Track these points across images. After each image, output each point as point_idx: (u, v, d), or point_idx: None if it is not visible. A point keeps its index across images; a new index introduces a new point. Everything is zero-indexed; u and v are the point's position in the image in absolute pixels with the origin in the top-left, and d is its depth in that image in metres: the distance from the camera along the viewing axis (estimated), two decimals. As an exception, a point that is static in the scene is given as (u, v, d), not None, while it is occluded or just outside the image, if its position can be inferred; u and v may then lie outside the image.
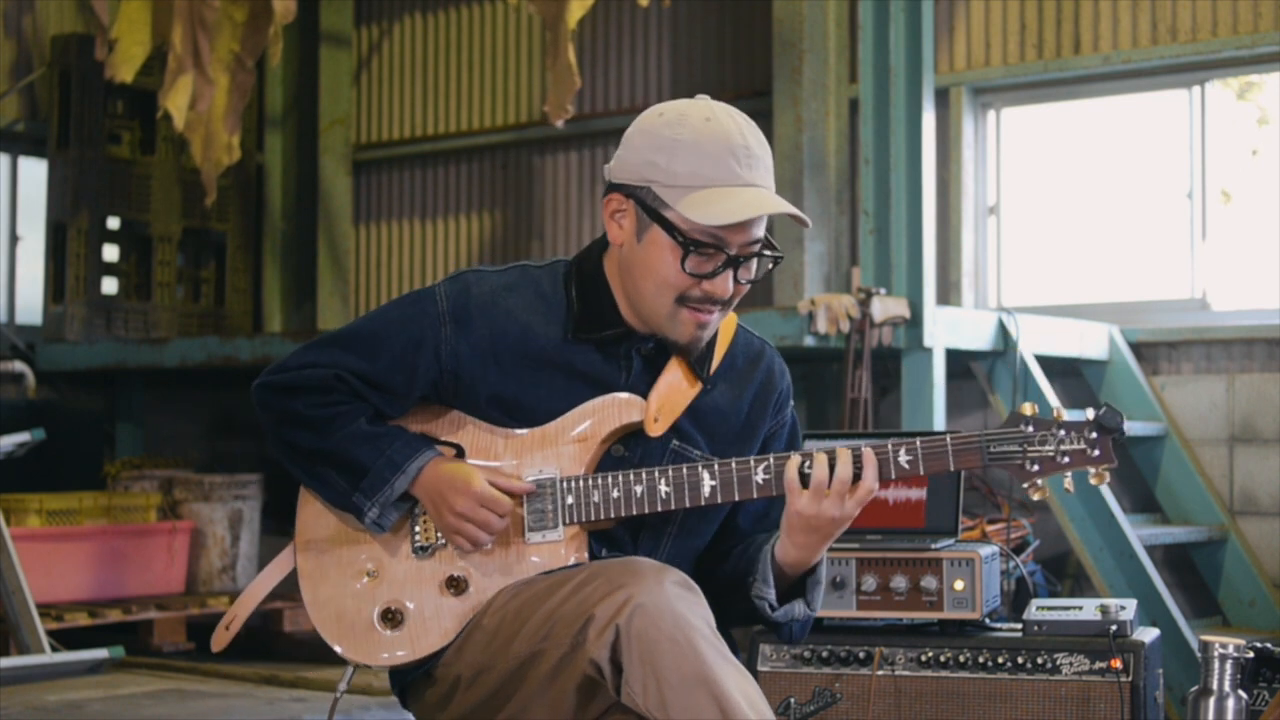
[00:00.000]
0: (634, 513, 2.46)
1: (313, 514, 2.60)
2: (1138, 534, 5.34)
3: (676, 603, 2.25)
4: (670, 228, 2.41)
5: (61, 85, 7.72)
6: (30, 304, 7.98)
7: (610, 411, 2.50)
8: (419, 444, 2.51)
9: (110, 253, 7.96)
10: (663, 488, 2.44)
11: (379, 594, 2.52)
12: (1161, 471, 5.90)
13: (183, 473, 7.10)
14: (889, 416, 6.18)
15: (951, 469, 2.41)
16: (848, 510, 2.41)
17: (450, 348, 2.51)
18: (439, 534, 2.52)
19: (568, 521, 2.48)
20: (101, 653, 5.91)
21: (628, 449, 2.52)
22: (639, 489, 2.45)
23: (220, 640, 2.67)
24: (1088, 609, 3.45)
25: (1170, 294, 6.22)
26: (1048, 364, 5.57)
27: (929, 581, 3.50)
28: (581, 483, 2.48)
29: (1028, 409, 2.43)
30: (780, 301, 6.51)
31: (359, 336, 2.55)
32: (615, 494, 2.46)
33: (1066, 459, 2.40)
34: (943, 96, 6.42)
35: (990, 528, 5.27)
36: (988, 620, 3.55)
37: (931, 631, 3.55)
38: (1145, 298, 6.27)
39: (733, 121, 2.43)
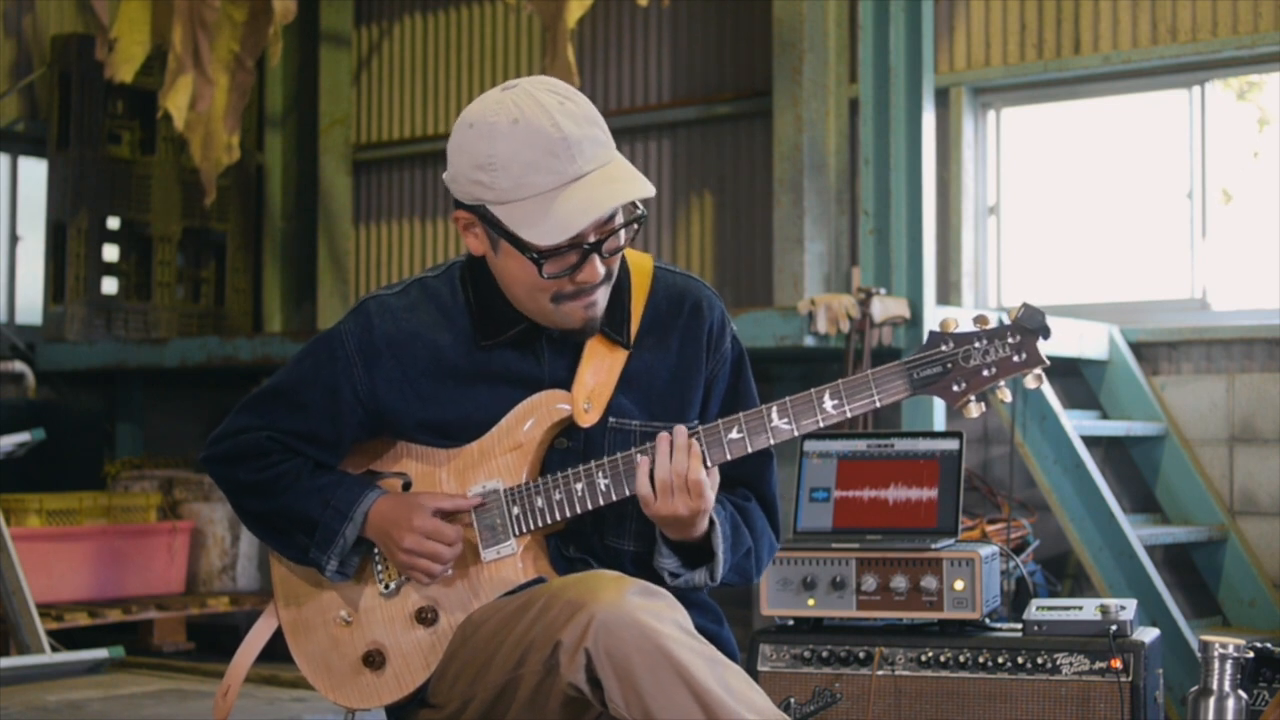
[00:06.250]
0: (579, 511, 2.45)
1: (284, 571, 2.62)
2: (1138, 534, 5.34)
3: (639, 613, 2.23)
4: (518, 244, 2.37)
5: (61, 85, 7.71)
6: (30, 304, 7.98)
7: (540, 413, 2.47)
8: (360, 487, 2.51)
9: (110, 253, 7.96)
10: (601, 481, 2.43)
11: (357, 639, 2.53)
12: (1161, 471, 5.90)
13: (183, 473, 7.10)
14: (889, 416, 6.18)
15: (878, 403, 2.35)
16: (693, 505, 2.38)
17: (366, 388, 2.50)
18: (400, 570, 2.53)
19: (518, 532, 2.47)
20: (101, 653, 5.91)
21: (570, 440, 2.50)
22: (579, 486, 2.44)
23: (221, 710, 2.65)
24: (1088, 609, 3.45)
25: (1170, 294, 6.21)
26: (1047, 364, 5.56)
27: (929, 581, 3.50)
28: (524, 490, 2.46)
29: (949, 324, 2.35)
30: (780, 301, 6.51)
31: (282, 393, 2.54)
32: (558, 496, 2.44)
33: (994, 370, 2.34)
34: (943, 96, 6.42)
35: (990, 528, 5.27)
36: (988, 620, 3.55)
37: (931, 631, 3.54)
38: (1145, 298, 6.26)
39: (542, 112, 2.31)
